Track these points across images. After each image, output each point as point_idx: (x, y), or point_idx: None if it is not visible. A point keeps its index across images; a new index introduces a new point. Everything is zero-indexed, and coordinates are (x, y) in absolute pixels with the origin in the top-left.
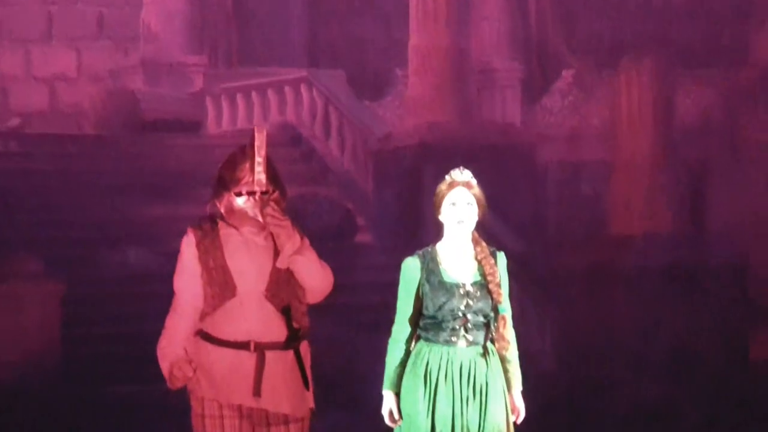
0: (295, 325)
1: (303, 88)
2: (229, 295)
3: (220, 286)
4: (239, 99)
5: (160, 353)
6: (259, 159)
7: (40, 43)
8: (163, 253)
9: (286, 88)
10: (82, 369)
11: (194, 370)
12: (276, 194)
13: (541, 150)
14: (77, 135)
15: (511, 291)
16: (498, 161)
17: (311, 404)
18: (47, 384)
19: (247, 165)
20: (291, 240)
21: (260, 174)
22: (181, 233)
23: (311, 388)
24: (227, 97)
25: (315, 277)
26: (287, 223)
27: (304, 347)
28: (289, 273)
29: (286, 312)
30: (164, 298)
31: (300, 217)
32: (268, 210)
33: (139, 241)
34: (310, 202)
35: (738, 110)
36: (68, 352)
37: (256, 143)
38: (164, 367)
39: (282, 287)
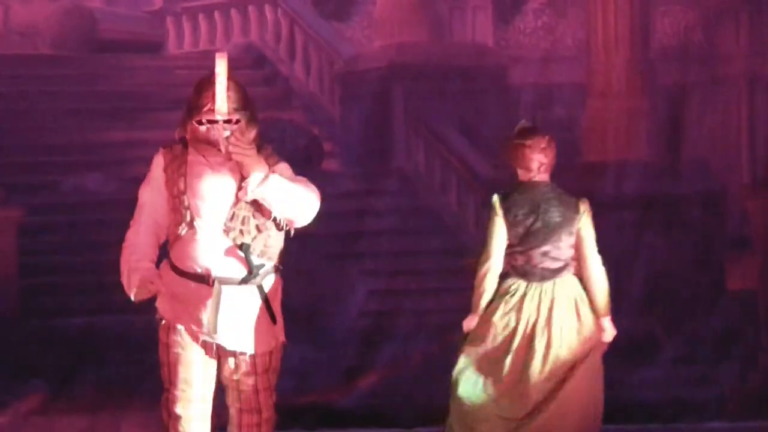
0: (259, 260)
1: (267, 8)
2: (187, 227)
3: (180, 215)
4: (201, 19)
5: (128, 266)
6: (219, 86)
7: None
8: (122, 179)
9: (250, 8)
10: (39, 300)
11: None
12: (240, 123)
13: (514, 72)
14: (32, 55)
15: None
16: (469, 83)
17: (281, 338)
18: (2, 316)
19: (211, 92)
20: (257, 170)
21: (221, 102)
22: (141, 158)
23: (279, 323)
24: (189, 16)
25: (289, 208)
26: (251, 152)
27: (275, 282)
28: (256, 204)
29: (245, 249)
30: (124, 224)
31: (263, 143)
32: (231, 139)
33: (98, 167)
34: (272, 128)
35: (717, 31)
36: (26, 283)
37: (217, 69)
38: (133, 279)
39: (244, 222)
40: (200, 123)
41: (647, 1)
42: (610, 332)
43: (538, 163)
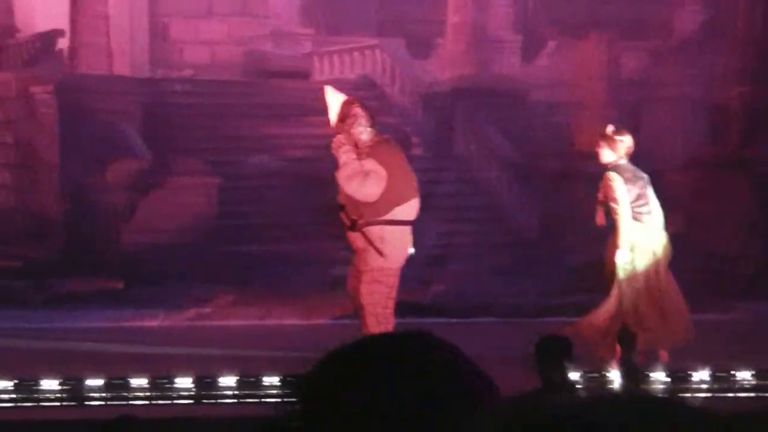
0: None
1: (377, 51)
2: None
3: None
4: (335, 57)
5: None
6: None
7: (203, 18)
8: (281, 159)
9: (366, 51)
10: (231, 234)
11: None
12: (344, 127)
13: (532, 93)
14: (228, 80)
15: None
16: (503, 99)
17: None
18: (206, 242)
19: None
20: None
21: (331, 115)
22: (291, 146)
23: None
24: (327, 56)
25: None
26: (335, 150)
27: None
28: None
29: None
30: (279, 188)
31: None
32: (334, 140)
33: (265, 150)
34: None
35: (662, 69)
36: (221, 223)
37: (326, 96)
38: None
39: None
40: None
41: (618, 48)
42: None
43: (625, 150)
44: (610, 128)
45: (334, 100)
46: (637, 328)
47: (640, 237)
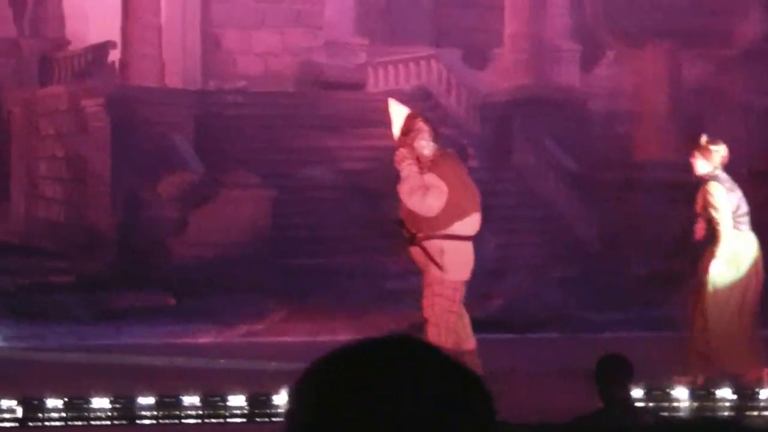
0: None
1: (432, 62)
2: None
3: None
4: (389, 68)
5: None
6: (392, 119)
7: (256, 29)
8: (334, 171)
9: (421, 62)
10: (284, 247)
11: None
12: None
13: (592, 103)
14: (282, 92)
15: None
16: (563, 110)
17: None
18: (259, 255)
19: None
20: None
21: (394, 128)
22: (347, 158)
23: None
24: (381, 67)
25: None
26: (399, 166)
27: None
28: None
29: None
30: (332, 201)
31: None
32: (395, 156)
33: (318, 162)
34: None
35: (724, 78)
36: (275, 236)
37: (390, 108)
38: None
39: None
40: None
41: (679, 57)
42: None
43: (720, 160)
44: (704, 138)
45: (398, 113)
46: (718, 343)
47: (740, 246)
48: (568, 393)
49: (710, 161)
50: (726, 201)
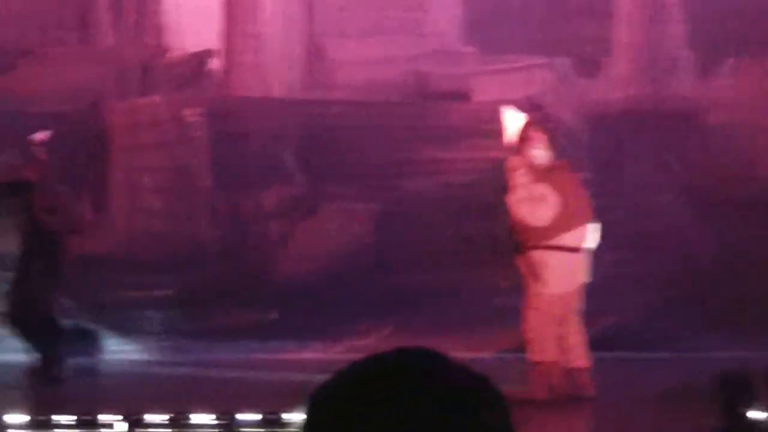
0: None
1: (542, 71)
2: None
3: None
4: (497, 77)
5: None
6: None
7: (362, 38)
8: (436, 183)
9: (530, 71)
10: (390, 261)
11: None
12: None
13: (709, 115)
14: (386, 102)
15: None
16: (679, 121)
17: None
18: (364, 270)
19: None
20: None
21: (506, 138)
22: (449, 171)
23: None
24: (489, 75)
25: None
26: (511, 175)
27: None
28: None
29: None
30: (439, 214)
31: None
32: (507, 164)
33: (425, 174)
34: None
35: None
36: (380, 250)
37: (503, 118)
38: None
39: None
40: None
41: None
42: None
43: None
44: None
45: (512, 120)
46: None
47: None
48: (684, 412)
49: None
50: None
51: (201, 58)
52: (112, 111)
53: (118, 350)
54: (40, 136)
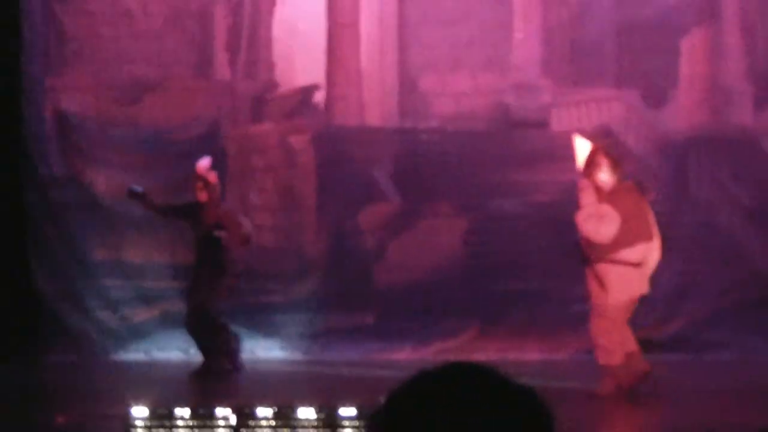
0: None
1: (614, 102)
2: None
3: None
4: (573, 108)
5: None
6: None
7: (450, 72)
8: (527, 204)
9: (603, 102)
10: (476, 272)
11: None
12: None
13: (763, 142)
14: (472, 130)
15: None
16: (737, 147)
17: None
18: (453, 279)
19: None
20: None
21: (579, 162)
22: (536, 191)
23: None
24: (565, 107)
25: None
26: (580, 195)
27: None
28: None
29: None
30: (521, 230)
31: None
32: (578, 185)
33: (512, 195)
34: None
35: None
36: (468, 262)
37: (575, 144)
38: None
39: None
40: None
41: None
42: None
43: None
44: None
45: (582, 147)
46: None
47: None
48: (744, 409)
49: None
50: None
51: (307, 91)
52: (227, 137)
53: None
54: (205, 162)
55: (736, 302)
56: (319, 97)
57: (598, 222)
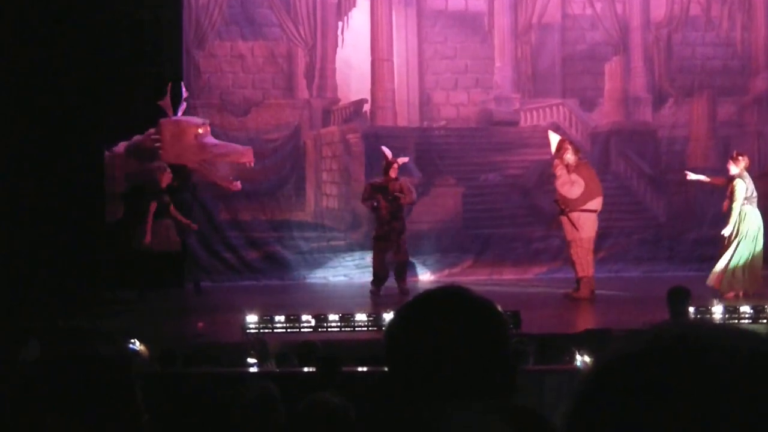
0: (562, 207)
1: (561, 107)
2: None
3: None
4: (534, 112)
5: None
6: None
7: (452, 90)
8: (504, 176)
9: (554, 107)
10: (471, 223)
11: None
12: (557, 159)
13: (660, 132)
14: (467, 128)
15: None
16: (642, 136)
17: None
18: (456, 228)
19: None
20: None
21: (552, 150)
22: (510, 167)
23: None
24: (529, 111)
25: (558, 191)
26: (555, 170)
27: (570, 215)
28: None
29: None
30: (500, 194)
31: None
32: (553, 165)
33: (494, 170)
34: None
35: (744, 116)
36: (465, 216)
37: (550, 138)
38: None
39: None
40: None
41: (714, 102)
42: None
43: (744, 165)
44: (734, 153)
45: (554, 138)
46: None
47: (751, 218)
48: (647, 313)
49: (738, 167)
50: (743, 194)
51: (358, 104)
52: (306, 137)
53: (312, 276)
54: (403, 159)
55: (640, 239)
56: (366, 108)
57: (570, 186)
